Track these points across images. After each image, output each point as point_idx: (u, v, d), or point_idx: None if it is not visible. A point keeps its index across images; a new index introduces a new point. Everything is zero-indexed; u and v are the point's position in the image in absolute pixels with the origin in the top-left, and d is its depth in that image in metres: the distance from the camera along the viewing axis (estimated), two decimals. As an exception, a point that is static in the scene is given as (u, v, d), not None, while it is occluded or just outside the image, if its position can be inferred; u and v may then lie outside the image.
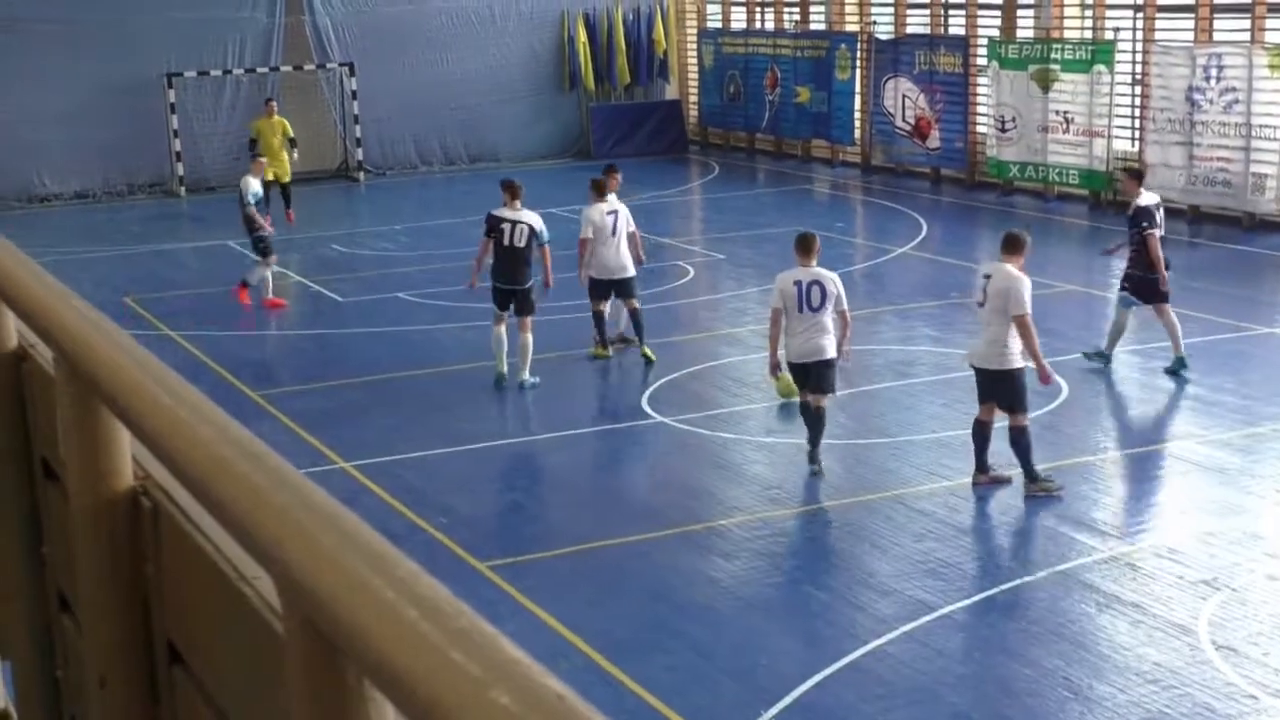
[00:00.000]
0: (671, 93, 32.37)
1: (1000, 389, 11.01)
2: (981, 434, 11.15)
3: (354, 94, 29.25)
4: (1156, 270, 13.85)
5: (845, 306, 11.79)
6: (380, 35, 29.35)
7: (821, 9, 28.93)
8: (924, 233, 21.91)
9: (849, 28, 28.22)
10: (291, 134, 24.05)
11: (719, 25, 31.75)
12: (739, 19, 31.38)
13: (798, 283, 11.73)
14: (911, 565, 9.91)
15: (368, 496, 11.42)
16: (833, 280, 11.78)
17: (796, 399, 12.33)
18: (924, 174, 26.44)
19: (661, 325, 16.01)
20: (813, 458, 11.77)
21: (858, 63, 27.58)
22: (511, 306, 14.29)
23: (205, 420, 1.55)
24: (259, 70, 28.71)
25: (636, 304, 14.93)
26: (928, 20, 26.79)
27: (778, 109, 29.47)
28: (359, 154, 29.42)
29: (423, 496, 11.55)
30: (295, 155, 24.03)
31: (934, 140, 26.10)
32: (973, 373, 11.36)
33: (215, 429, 1.52)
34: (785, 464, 12.26)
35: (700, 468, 12.28)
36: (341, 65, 29.27)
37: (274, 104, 25.14)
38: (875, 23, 27.84)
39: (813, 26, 29.13)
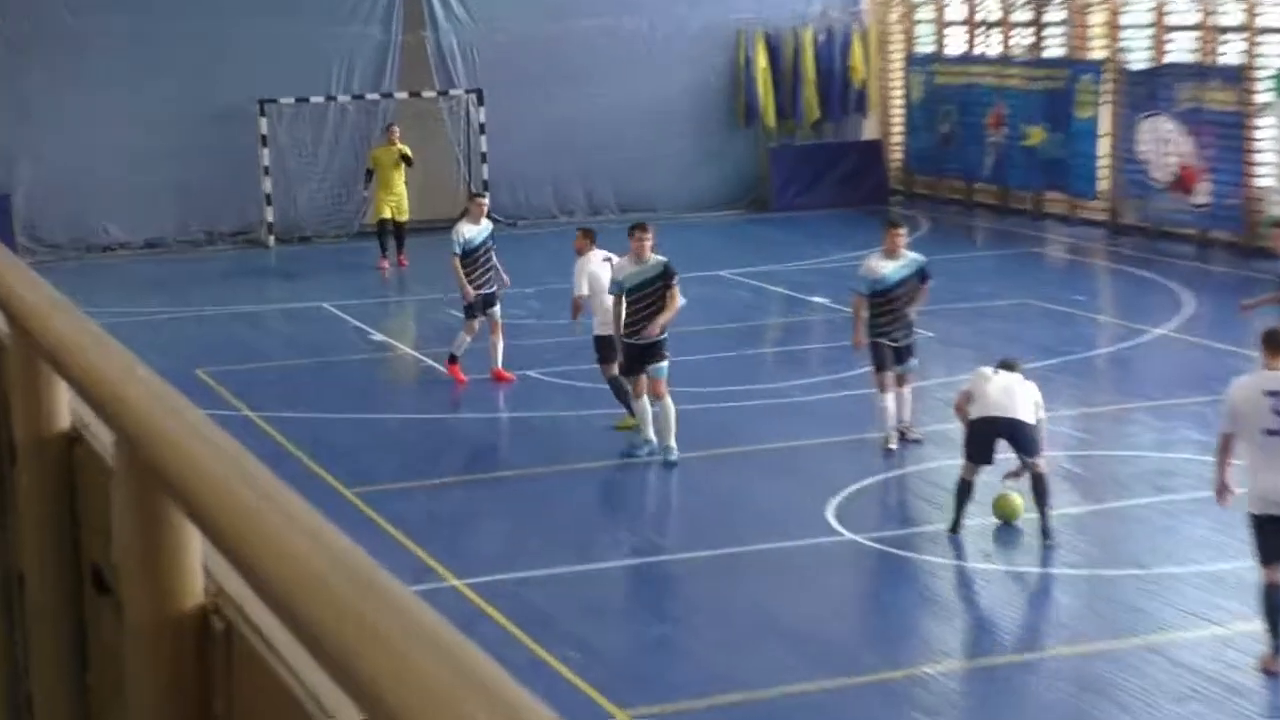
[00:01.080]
0: (870, 131, 32.46)
1: None
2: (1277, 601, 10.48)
3: (481, 127, 29.77)
4: None
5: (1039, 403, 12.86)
6: (516, 57, 29.79)
7: (1060, 31, 28.83)
8: (1187, 310, 21.58)
9: (1094, 55, 28.08)
10: (408, 152, 25.67)
11: (931, 50, 31.80)
12: (956, 43, 31.39)
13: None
14: (1167, 733, 9.70)
15: (484, 623, 11.48)
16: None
17: (1018, 520, 12.85)
18: (1188, 236, 26.11)
19: (850, 418, 15.93)
20: (1046, 529, 12.64)
21: (1104, 97, 27.39)
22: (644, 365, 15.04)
23: (297, 526, 1.54)
24: (369, 96, 29.35)
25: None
26: (1195, 46, 26.53)
27: (1002, 153, 29.38)
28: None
29: (550, 624, 11.60)
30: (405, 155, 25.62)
31: (1201, 195, 25.76)
32: (1252, 519, 10.51)
33: (309, 537, 1.51)
34: (1006, 596, 12.10)
35: (899, 599, 12.19)
36: (468, 92, 29.84)
37: (395, 129, 26.14)
38: (1127, 49, 27.64)
39: (1048, 53, 29.04)
